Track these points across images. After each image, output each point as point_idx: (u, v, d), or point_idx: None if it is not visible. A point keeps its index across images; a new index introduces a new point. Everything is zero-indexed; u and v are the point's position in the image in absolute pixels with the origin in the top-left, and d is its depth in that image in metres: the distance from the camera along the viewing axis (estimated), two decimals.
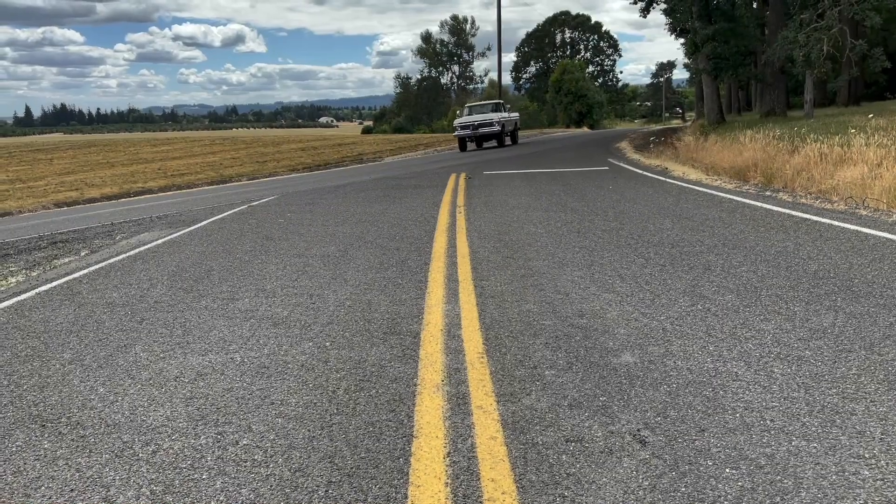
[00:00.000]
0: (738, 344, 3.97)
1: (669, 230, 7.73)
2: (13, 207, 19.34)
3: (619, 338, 4.20)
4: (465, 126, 30.10)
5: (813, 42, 19.69)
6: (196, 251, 8.18)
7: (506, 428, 3.08)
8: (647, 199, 10.68)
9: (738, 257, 6.17)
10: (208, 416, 3.40)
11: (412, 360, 4.03)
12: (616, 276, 5.71)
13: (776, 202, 9.63)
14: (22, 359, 4.50)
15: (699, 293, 5.08)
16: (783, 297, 4.84)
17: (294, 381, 3.80)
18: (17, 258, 8.87)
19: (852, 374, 3.46)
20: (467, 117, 30.96)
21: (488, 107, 32.38)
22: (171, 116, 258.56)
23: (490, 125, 29.58)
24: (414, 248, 7.46)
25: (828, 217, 8.04)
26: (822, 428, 2.93)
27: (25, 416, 3.56)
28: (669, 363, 3.74)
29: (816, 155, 11.05)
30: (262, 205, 13.07)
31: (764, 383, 3.41)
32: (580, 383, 3.53)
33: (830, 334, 4.05)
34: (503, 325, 4.55)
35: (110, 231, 10.97)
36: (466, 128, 29.94)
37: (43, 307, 5.88)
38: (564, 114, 68.54)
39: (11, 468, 3.00)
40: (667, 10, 29.21)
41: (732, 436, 2.90)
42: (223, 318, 5.14)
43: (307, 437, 3.12)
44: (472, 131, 29.71)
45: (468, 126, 29.85)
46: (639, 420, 3.08)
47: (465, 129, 30.03)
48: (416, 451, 2.92)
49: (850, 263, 5.71)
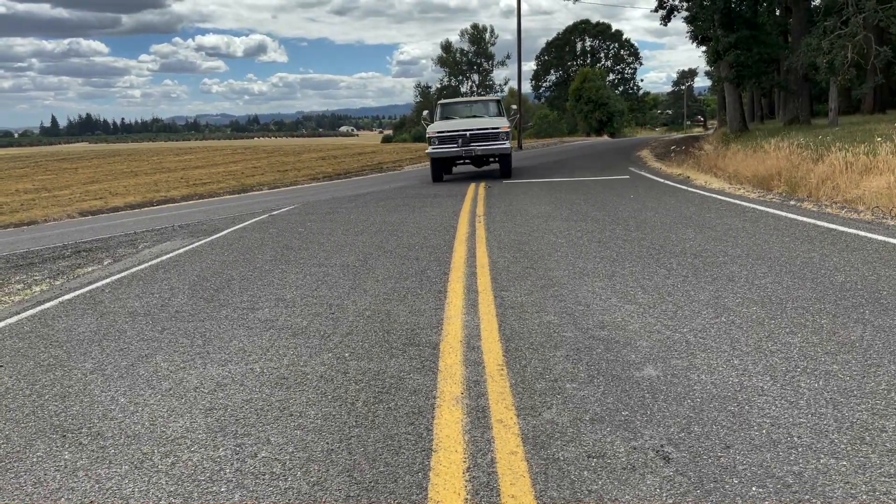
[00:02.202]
0: (764, 357, 3.90)
1: (692, 240, 7.64)
2: (39, 216, 19.61)
3: (641, 350, 4.14)
4: (446, 138, 17.27)
5: (837, 49, 19.44)
6: (217, 260, 8.22)
7: (526, 442, 3.04)
8: (668, 208, 10.58)
9: (762, 268, 6.07)
10: (227, 428, 3.39)
11: (431, 371, 4.00)
12: (638, 287, 5.65)
13: (801, 212, 9.49)
14: (44, 368, 4.53)
15: (723, 305, 5.01)
16: (809, 310, 4.75)
17: (313, 392, 3.79)
18: (42, 267, 8.97)
19: (882, 390, 3.37)
20: (447, 123, 18.14)
21: (484, 107, 19.60)
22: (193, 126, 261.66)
23: (494, 136, 17.11)
24: (433, 257, 7.44)
25: (854, 227, 7.90)
26: (852, 445, 2.85)
27: (47, 425, 3.58)
28: (693, 377, 3.67)
29: (842, 163, 10.89)
30: (283, 214, 13.13)
31: (791, 398, 3.33)
32: (602, 397, 3.48)
33: (859, 348, 3.96)
34: (523, 337, 4.51)
35: (133, 240, 11.07)
36: (450, 140, 17.24)
37: (66, 316, 5.93)
38: (585, 122, 68.34)
39: (32, 479, 3.01)
40: (688, 18, 28.99)
41: (759, 453, 2.83)
42: (243, 328, 5.15)
43: (326, 449, 3.10)
44: (462, 147, 17.00)
45: (454, 137, 17.18)
46: (662, 435, 3.03)
47: (446, 142, 17.27)
48: (436, 466, 2.88)
49: (877, 275, 5.60)
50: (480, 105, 19.86)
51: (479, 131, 17.02)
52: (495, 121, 17.70)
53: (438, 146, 17.25)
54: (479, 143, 16.89)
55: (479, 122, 17.59)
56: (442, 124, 17.86)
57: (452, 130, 17.12)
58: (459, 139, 16.86)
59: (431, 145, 17.39)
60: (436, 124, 18.04)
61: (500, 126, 17.08)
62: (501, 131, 16.94)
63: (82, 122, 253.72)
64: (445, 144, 17.08)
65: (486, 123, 17.42)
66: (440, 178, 18.29)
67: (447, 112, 19.30)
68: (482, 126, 17.20)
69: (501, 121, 17.65)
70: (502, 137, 16.97)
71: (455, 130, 17.10)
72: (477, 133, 16.99)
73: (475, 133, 16.98)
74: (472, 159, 18.03)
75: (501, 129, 16.98)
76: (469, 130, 17.02)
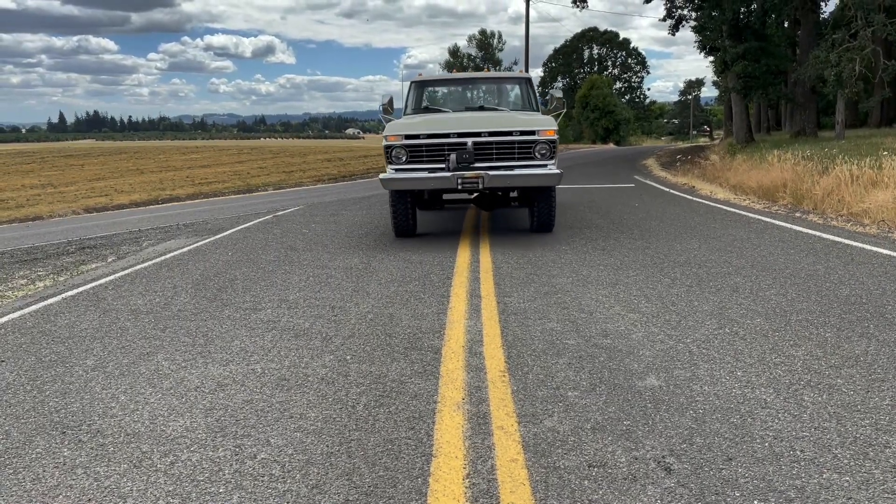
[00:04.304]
0: (768, 370, 3.88)
1: (696, 250, 7.62)
2: (44, 212, 19.66)
3: (644, 360, 4.12)
4: (424, 150, 8.53)
5: (845, 62, 19.42)
6: (220, 260, 8.23)
7: (527, 450, 3.02)
8: (673, 217, 10.56)
9: (766, 280, 6.05)
10: (227, 428, 3.38)
11: (433, 376, 3.98)
12: (641, 296, 5.63)
13: (806, 224, 9.47)
14: (46, 364, 4.53)
15: (727, 316, 4.99)
16: (814, 323, 4.73)
17: (314, 394, 3.78)
18: (46, 263, 8.98)
19: (886, 405, 3.35)
20: (428, 120, 9.19)
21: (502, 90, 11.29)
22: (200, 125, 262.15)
23: (525, 150, 8.44)
24: (437, 261, 7.43)
25: (859, 240, 7.88)
26: (854, 460, 2.83)
27: (47, 422, 3.57)
28: (696, 388, 3.66)
29: (847, 176, 10.87)
30: (287, 215, 13.14)
31: (794, 412, 3.31)
32: (604, 406, 3.46)
33: (863, 362, 3.94)
34: (526, 343, 4.50)
35: (137, 238, 11.09)
36: (432, 154, 8.53)
37: (69, 312, 5.93)
38: (591, 129, 68.35)
39: (31, 475, 3.00)
40: (696, 27, 29.03)
41: (761, 466, 2.81)
42: (245, 329, 5.14)
43: (326, 452, 3.08)
44: (457, 169, 8.32)
45: (440, 148, 8.47)
46: (664, 446, 3.01)
47: (423, 158, 8.56)
48: (435, 472, 2.87)
49: (882, 289, 5.58)
50: (495, 87, 11.26)
51: (495, 139, 8.38)
52: (527, 118, 8.96)
53: (406, 167, 8.57)
54: (494, 161, 8.42)
55: (493, 120, 8.81)
56: (418, 121, 9.00)
57: (438, 135, 8.47)
58: (453, 153, 8.32)
59: (392, 164, 8.66)
60: (405, 121, 9.34)
61: (539, 128, 8.47)
62: (540, 140, 8.39)
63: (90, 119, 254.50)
64: (421, 163, 8.53)
65: (508, 122, 8.68)
66: (409, 229, 9.31)
67: (430, 98, 10.75)
68: (501, 127, 8.50)
69: (538, 119, 8.89)
70: (542, 152, 8.42)
71: (444, 135, 8.45)
72: (490, 142, 8.38)
73: (486, 142, 8.38)
74: (478, 197, 9.34)
75: (541, 134, 8.42)
76: (472, 137, 8.37)
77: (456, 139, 8.37)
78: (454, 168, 8.27)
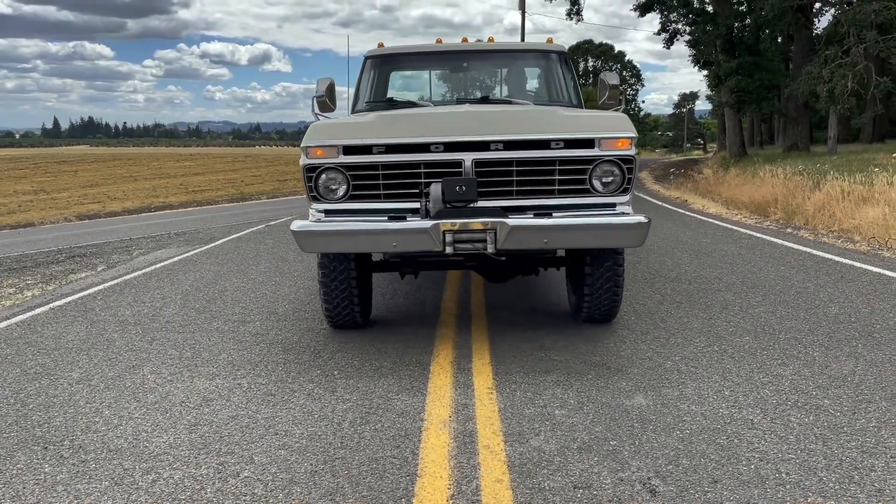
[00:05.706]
0: (755, 389, 3.87)
1: (687, 265, 7.63)
2: (36, 218, 19.58)
3: (632, 378, 4.11)
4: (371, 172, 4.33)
5: (837, 78, 19.55)
6: (211, 271, 8.19)
7: (512, 470, 3.00)
8: (665, 231, 10.58)
9: (756, 297, 6.06)
10: (211, 445, 3.35)
11: (420, 392, 3.96)
12: (631, 312, 5.63)
13: (797, 240, 9.50)
14: (31, 376, 4.49)
15: (715, 333, 4.99)
16: (802, 341, 4.74)
17: (299, 410, 3.75)
18: (35, 271, 8.93)
19: (872, 427, 3.35)
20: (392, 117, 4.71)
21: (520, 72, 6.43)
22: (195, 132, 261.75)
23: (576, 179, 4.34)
24: (427, 274, 7.41)
25: (850, 258, 7.90)
26: (840, 484, 2.82)
27: (29, 437, 3.53)
28: (683, 407, 3.65)
29: (838, 192, 10.92)
30: (280, 224, 13.11)
31: (780, 433, 3.31)
32: (591, 425, 3.45)
33: (850, 383, 3.94)
34: (514, 359, 4.48)
35: (128, 247, 11.04)
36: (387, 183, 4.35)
37: (55, 323, 5.88)
38: None
39: (10, 492, 2.97)
40: (691, 42, 29.22)
41: (746, 488, 2.80)
42: (233, 341, 5.11)
43: (310, 471, 3.06)
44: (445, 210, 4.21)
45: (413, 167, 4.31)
46: (650, 467, 3.00)
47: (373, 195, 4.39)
48: (419, 492, 2.85)
49: (871, 308, 5.59)
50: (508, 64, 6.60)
51: (517, 154, 4.34)
52: (574, 116, 4.65)
53: (344, 206, 4.47)
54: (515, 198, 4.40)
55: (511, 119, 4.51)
56: (370, 121, 4.58)
57: (409, 146, 4.35)
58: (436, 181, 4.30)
59: (319, 201, 4.46)
60: (349, 121, 5.03)
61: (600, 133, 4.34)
62: (605, 156, 4.36)
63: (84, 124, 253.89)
64: (374, 199, 4.45)
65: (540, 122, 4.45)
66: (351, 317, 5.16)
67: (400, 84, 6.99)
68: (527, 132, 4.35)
69: (596, 118, 4.58)
70: (606, 180, 4.46)
71: (420, 146, 4.35)
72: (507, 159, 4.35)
73: (499, 159, 4.35)
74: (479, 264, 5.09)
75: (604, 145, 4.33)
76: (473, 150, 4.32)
77: (443, 154, 4.33)
78: (439, 211, 4.28)
